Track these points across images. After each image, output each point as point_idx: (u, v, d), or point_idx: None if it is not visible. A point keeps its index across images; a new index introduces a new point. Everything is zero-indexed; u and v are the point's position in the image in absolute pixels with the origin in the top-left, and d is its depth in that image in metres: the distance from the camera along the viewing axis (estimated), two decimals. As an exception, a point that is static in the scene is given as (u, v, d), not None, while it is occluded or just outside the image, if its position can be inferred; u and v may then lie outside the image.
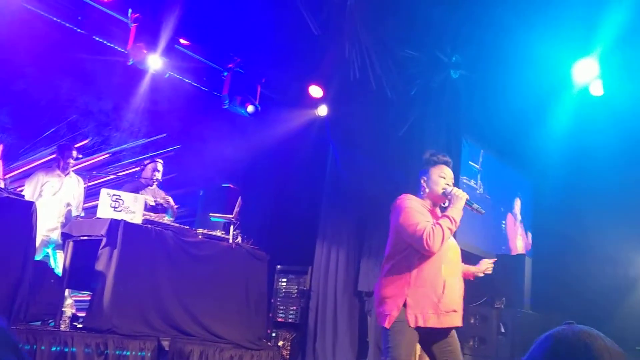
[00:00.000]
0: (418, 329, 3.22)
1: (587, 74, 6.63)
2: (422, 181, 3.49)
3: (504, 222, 8.61)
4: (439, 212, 3.48)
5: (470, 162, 7.61)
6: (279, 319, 7.26)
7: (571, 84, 6.77)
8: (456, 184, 3.58)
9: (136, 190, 5.95)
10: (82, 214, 5.65)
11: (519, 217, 8.95)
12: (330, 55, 6.43)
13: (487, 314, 7.07)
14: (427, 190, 3.45)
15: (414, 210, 3.31)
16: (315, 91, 7.66)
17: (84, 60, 7.03)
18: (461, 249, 3.62)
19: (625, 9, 5.78)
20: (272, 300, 7.27)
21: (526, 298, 7.35)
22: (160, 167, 6.22)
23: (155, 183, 6.18)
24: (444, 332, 3.32)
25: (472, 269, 3.65)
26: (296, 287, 7.32)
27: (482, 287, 7.71)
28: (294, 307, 7.25)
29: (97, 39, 6.88)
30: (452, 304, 3.30)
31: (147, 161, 6.27)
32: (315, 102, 7.90)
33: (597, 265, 7.85)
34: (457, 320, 3.34)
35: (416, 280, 3.23)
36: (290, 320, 7.23)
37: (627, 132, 7.10)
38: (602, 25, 6.06)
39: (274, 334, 7.05)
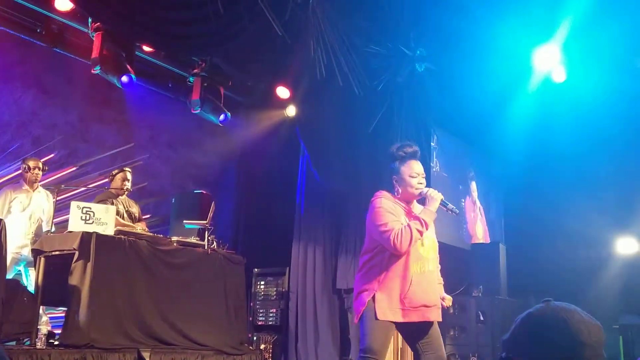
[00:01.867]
0: (395, 323, 3.26)
1: (549, 60, 6.75)
2: (393, 181, 3.44)
3: (463, 200, 8.69)
4: (416, 207, 3.47)
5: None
6: (260, 322, 7.23)
7: (534, 70, 6.89)
8: (427, 176, 3.59)
9: (106, 201, 5.86)
10: (53, 229, 5.55)
11: (477, 203, 9.02)
12: (295, 55, 6.42)
13: (466, 303, 7.16)
14: (399, 190, 3.42)
15: (384, 209, 3.31)
16: (283, 92, 7.65)
17: (46, 72, 6.93)
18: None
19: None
20: (252, 304, 7.24)
21: (502, 285, 7.46)
22: (129, 176, 6.12)
23: (126, 193, 6.08)
24: (421, 326, 3.33)
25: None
26: (275, 289, 7.30)
27: (459, 276, 7.82)
28: (274, 310, 7.23)
29: (58, 50, 6.79)
30: (421, 299, 3.28)
31: (116, 171, 6.16)
32: (284, 103, 7.89)
33: (569, 247, 8.01)
34: (429, 315, 3.33)
35: (385, 277, 3.27)
36: (270, 323, 7.20)
37: (589, 116, 7.25)
38: (564, 12, 6.18)
39: (255, 338, 7.02)
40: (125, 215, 5.94)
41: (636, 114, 7.28)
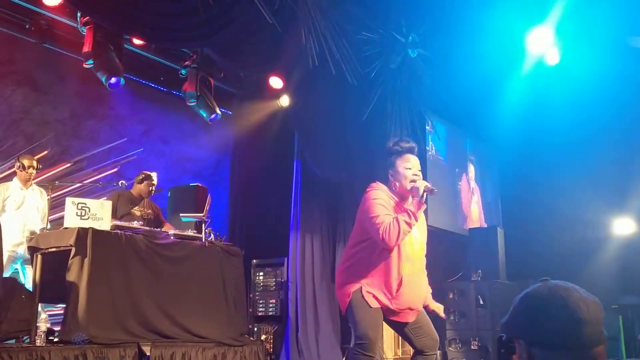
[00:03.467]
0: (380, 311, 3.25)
1: (542, 42, 6.74)
2: (389, 175, 3.40)
3: (459, 183, 8.71)
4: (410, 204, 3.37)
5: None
6: (260, 313, 7.23)
7: (527, 53, 6.88)
8: (423, 160, 3.58)
9: (127, 201, 5.92)
10: (49, 226, 5.53)
11: (472, 183, 9.02)
12: (287, 44, 6.37)
13: (465, 288, 7.17)
14: (396, 184, 3.37)
15: (377, 202, 3.26)
16: (276, 82, 7.60)
17: (36, 69, 6.87)
18: (430, 225, 3.61)
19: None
20: (251, 295, 7.23)
21: (501, 268, 7.47)
22: (156, 181, 6.22)
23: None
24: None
25: (432, 306, 3.52)
26: (274, 279, 7.29)
27: (458, 261, 7.84)
28: (273, 300, 7.23)
29: (47, 46, 6.73)
30: (408, 302, 3.27)
31: (143, 177, 6.19)
32: (277, 93, 7.84)
33: (567, 229, 8.03)
34: (409, 318, 3.32)
35: (373, 272, 3.23)
36: (270, 314, 7.19)
37: (583, 97, 7.24)
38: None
39: (255, 329, 7.02)
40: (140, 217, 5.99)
41: (629, 94, 7.27)
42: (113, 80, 6.10)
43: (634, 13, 6.18)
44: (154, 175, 6.30)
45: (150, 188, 6.23)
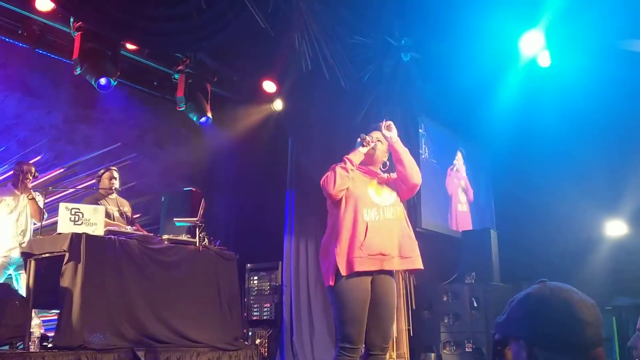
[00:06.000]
0: (355, 277, 3.23)
1: (533, 45, 6.78)
2: None
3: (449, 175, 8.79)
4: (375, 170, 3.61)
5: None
6: (254, 317, 7.23)
7: (519, 55, 6.92)
8: (415, 159, 3.64)
9: (96, 202, 5.82)
10: (46, 215, 5.52)
11: (457, 166, 9.02)
12: (281, 49, 6.39)
13: (459, 290, 7.18)
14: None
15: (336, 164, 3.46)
16: (269, 86, 7.62)
17: (29, 74, 6.85)
18: (423, 229, 3.63)
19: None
20: (245, 299, 7.23)
21: (495, 270, 7.49)
22: (116, 174, 6.07)
23: (115, 192, 6.04)
24: (378, 279, 3.32)
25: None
26: (268, 283, 7.29)
27: (452, 264, 7.85)
28: (268, 304, 7.23)
29: (40, 51, 6.71)
30: (379, 247, 3.28)
31: (102, 171, 6.10)
32: (270, 97, 7.85)
33: (559, 231, 8.06)
34: (387, 265, 3.31)
35: (340, 230, 3.32)
36: (265, 318, 7.20)
37: (575, 100, 7.28)
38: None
39: (250, 333, 7.01)
40: (115, 215, 5.89)
41: (621, 96, 7.32)
42: (102, 81, 6.05)
43: (625, 16, 6.23)
44: (114, 169, 6.10)
45: (111, 182, 5.98)
